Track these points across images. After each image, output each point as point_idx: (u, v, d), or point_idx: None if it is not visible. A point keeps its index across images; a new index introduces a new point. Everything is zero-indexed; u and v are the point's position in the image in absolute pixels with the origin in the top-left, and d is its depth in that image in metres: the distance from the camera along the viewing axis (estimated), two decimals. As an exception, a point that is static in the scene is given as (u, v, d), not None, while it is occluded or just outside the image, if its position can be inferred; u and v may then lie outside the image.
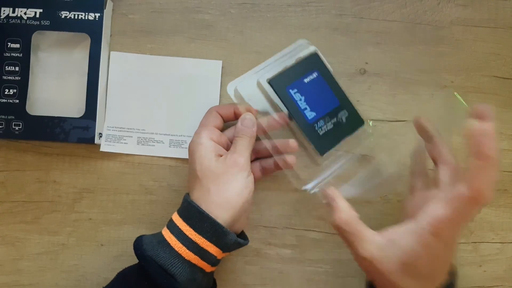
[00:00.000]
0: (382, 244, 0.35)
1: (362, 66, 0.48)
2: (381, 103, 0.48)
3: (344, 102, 0.44)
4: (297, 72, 0.43)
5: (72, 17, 0.46)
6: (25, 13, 0.46)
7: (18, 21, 0.46)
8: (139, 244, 0.39)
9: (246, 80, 0.43)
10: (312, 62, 0.44)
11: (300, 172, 0.44)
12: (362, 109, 0.47)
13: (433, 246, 0.33)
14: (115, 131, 0.48)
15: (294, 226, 0.48)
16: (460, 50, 0.48)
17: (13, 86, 0.46)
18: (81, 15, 0.46)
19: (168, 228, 0.39)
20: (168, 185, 0.48)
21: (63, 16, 0.46)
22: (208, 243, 0.38)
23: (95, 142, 0.46)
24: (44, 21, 0.46)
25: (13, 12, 0.46)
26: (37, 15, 0.46)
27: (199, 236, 0.37)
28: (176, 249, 0.37)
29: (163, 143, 0.48)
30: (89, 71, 0.46)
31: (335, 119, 0.44)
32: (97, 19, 0.46)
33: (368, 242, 0.35)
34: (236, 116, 0.44)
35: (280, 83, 0.42)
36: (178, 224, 0.39)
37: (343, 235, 0.37)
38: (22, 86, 0.46)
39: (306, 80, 0.43)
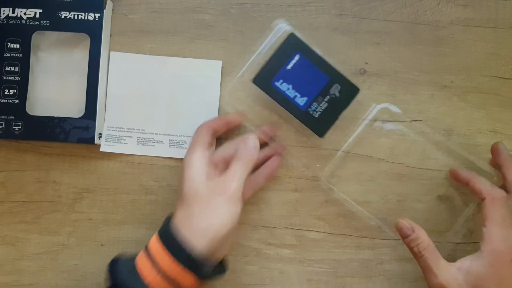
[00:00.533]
0: (455, 272, 0.38)
1: (362, 66, 0.48)
2: (380, 103, 0.48)
3: (334, 76, 0.43)
4: (279, 61, 0.42)
5: (72, 17, 0.46)
6: (25, 13, 0.46)
7: (18, 21, 0.46)
8: (113, 269, 0.38)
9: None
10: (291, 44, 0.42)
11: (308, 161, 0.43)
12: (362, 109, 0.47)
13: (499, 268, 0.38)
14: (115, 131, 0.48)
15: (294, 226, 0.48)
16: (460, 50, 0.48)
17: (13, 86, 0.46)
18: (81, 15, 0.46)
19: (145, 253, 0.38)
20: (168, 185, 0.48)
21: (63, 16, 0.46)
22: (184, 273, 0.36)
23: (95, 142, 0.46)
24: (44, 21, 0.46)
25: (13, 12, 0.46)
26: (37, 15, 0.46)
27: (176, 264, 0.36)
28: (147, 282, 0.36)
29: (163, 143, 0.48)
30: (89, 71, 0.46)
31: (328, 96, 0.42)
32: (97, 19, 0.46)
33: (444, 270, 0.38)
34: (228, 126, 0.44)
35: (264, 79, 0.42)
36: (154, 252, 0.37)
37: (423, 261, 0.39)
38: (22, 86, 0.46)
39: (289, 67, 0.42)
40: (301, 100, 0.42)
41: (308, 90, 0.42)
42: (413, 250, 0.39)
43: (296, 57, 0.42)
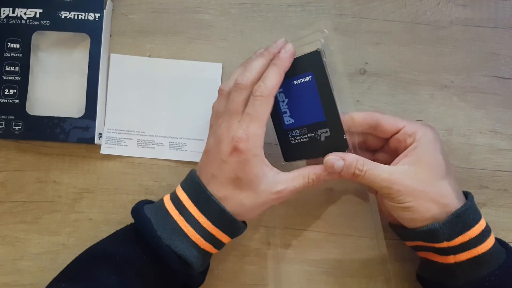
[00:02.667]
0: (401, 168, 0.39)
1: (362, 66, 0.48)
2: (381, 103, 0.48)
3: (331, 120, 0.39)
4: (291, 70, 0.39)
5: (72, 17, 0.46)
6: (25, 13, 0.46)
7: (18, 21, 0.46)
8: (150, 229, 0.39)
9: None
10: (311, 62, 0.39)
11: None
12: (362, 109, 0.47)
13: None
14: (115, 134, 0.48)
15: (294, 226, 0.48)
16: (460, 50, 0.48)
17: (13, 86, 0.46)
18: (81, 15, 0.46)
19: (180, 213, 0.39)
20: (168, 185, 0.48)
21: (63, 16, 0.46)
22: (222, 234, 0.39)
23: (95, 142, 0.46)
24: (44, 21, 0.46)
25: (13, 12, 0.46)
26: (37, 15, 0.46)
27: (216, 229, 0.39)
28: (194, 240, 0.38)
29: (163, 145, 0.48)
30: (89, 71, 0.46)
31: (312, 134, 0.40)
32: (97, 19, 0.46)
33: (391, 169, 0.39)
34: None
35: None
36: (193, 214, 0.39)
37: (370, 175, 0.38)
38: (22, 86, 0.46)
39: (295, 82, 0.40)
40: (287, 119, 0.41)
41: (299, 115, 0.40)
42: (355, 174, 0.38)
43: (308, 77, 0.39)
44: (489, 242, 0.38)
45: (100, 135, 0.47)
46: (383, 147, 0.43)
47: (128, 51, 0.48)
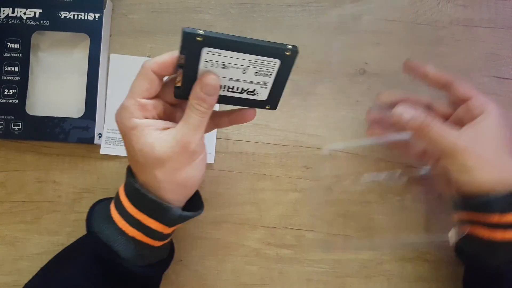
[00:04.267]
0: (463, 132, 0.39)
1: (362, 66, 0.48)
2: (381, 103, 0.48)
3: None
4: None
5: (72, 17, 0.46)
6: (24, 13, 0.46)
7: (18, 21, 0.46)
8: (89, 216, 0.39)
9: None
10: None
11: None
12: (362, 109, 0.47)
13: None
14: (114, 134, 0.48)
15: (293, 226, 0.48)
16: (460, 50, 0.48)
17: (12, 86, 0.46)
18: (81, 15, 0.46)
19: (114, 202, 0.38)
20: (168, 185, 0.48)
21: (62, 16, 0.46)
22: (149, 219, 0.36)
23: (95, 142, 0.46)
24: (44, 21, 0.46)
25: (13, 12, 0.46)
26: (37, 15, 0.46)
27: (140, 213, 0.36)
28: (120, 225, 0.37)
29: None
30: (89, 71, 0.46)
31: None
32: (96, 19, 0.46)
33: (453, 132, 0.39)
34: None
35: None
36: (122, 200, 0.37)
37: (434, 132, 0.39)
38: (22, 86, 0.46)
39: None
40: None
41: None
42: (421, 127, 0.39)
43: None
44: None
45: (100, 135, 0.47)
46: (451, 116, 0.43)
47: (128, 51, 0.48)
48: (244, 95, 0.37)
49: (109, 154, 0.48)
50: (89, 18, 0.46)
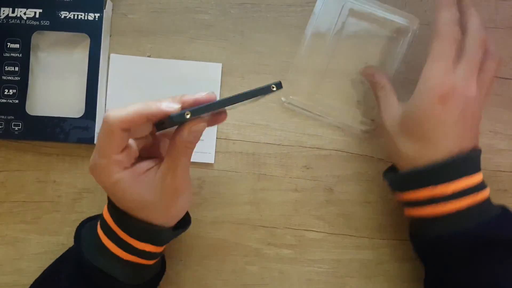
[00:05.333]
0: (396, 113, 0.40)
1: (361, 67, 0.48)
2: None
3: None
4: None
5: (72, 17, 0.46)
6: (24, 13, 0.46)
7: (18, 21, 0.46)
8: (78, 242, 0.39)
9: None
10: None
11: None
12: (362, 109, 0.47)
13: (438, 113, 0.37)
14: (115, 132, 0.48)
15: (293, 226, 0.48)
16: (460, 50, 0.48)
17: (12, 86, 0.46)
18: (81, 15, 0.46)
19: (102, 228, 0.38)
20: (168, 185, 0.48)
21: (62, 16, 0.46)
22: (142, 244, 0.37)
23: (95, 142, 0.46)
24: (44, 21, 0.46)
25: (13, 12, 0.46)
26: (37, 15, 0.46)
27: (132, 239, 0.37)
28: (114, 252, 0.37)
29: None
30: (89, 71, 0.46)
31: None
32: (96, 19, 0.46)
33: (390, 109, 0.41)
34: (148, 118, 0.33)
35: None
36: (111, 226, 0.37)
37: (378, 101, 0.43)
38: (22, 86, 0.46)
39: None
40: None
41: None
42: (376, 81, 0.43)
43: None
44: (487, 191, 0.38)
45: (100, 135, 0.47)
46: None
47: (128, 51, 0.48)
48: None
49: (109, 154, 0.48)
50: (89, 18, 0.46)
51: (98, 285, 0.38)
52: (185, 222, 0.41)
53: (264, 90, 0.33)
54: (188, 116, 0.31)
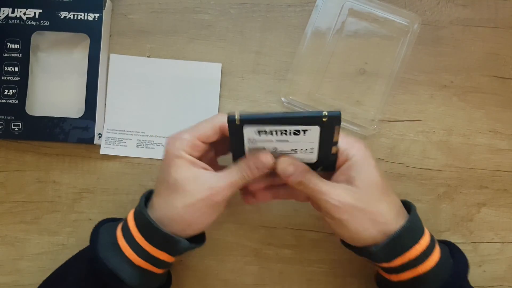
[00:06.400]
0: (344, 189, 0.38)
1: (362, 66, 0.48)
2: (380, 103, 0.48)
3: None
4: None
5: (72, 18, 0.46)
6: (24, 14, 0.46)
7: (18, 22, 0.46)
8: (94, 239, 0.39)
9: None
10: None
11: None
12: (362, 109, 0.47)
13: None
14: (114, 134, 0.48)
15: (293, 226, 0.48)
16: (460, 50, 0.48)
17: (12, 87, 0.46)
18: (81, 15, 0.46)
19: (122, 230, 0.39)
20: (168, 185, 0.48)
21: (62, 17, 0.46)
22: (158, 251, 0.38)
23: (95, 142, 0.46)
24: (44, 22, 0.46)
25: (13, 12, 0.46)
26: (37, 16, 0.46)
27: (149, 245, 0.37)
28: (127, 255, 0.37)
29: (163, 145, 0.48)
30: (89, 71, 0.46)
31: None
32: (96, 19, 0.46)
33: (333, 188, 0.38)
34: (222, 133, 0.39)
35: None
36: (131, 229, 0.38)
37: (311, 187, 0.38)
38: (22, 87, 0.46)
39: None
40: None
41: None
42: (301, 181, 0.37)
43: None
44: (432, 260, 0.37)
45: (100, 135, 0.47)
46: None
47: (127, 51, 0.48)
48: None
49: (109, 154, 0.48)
50: (89, 18, 0.46)
51: (105, 285, 0.38)
52: (200, 237, 0.41)
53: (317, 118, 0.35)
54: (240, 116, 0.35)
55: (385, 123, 0.48)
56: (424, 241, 0.38)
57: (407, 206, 0.40)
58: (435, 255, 0.38)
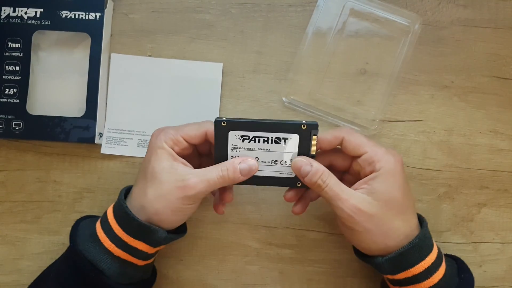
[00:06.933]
0: (361, 194, 0.38)
1: (362, 66, 0.48)
2: (381, 103, 0.48)
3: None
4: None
5: (73, 17, 0.46)
6: (25, 13, 0.46)
7: (19, 21, 0.46)
8: (73, 232, 0.40)
9: None
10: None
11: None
12: (363, 109, 0.47)
13: (398, 178, 0.39)
14: (115, 133, 0.48)
15: (294, 226, 0.48)
16: (461, 50, 0.48)
17: (13, 86, 0.46)
18: (82, 14, 0.46)
19: (101, 222, 0.40)
20: (169, 185, 0.48)
21: (63, 16, 0.46)
22: (136, 241, 0.38)
23: (96, 142, 0.46)
24: (45, 21, 0.46)
25: (14, 11, 0.46)
26: (38, 15, 0.46)
27: (127, 235, 0.38)
28: (106, 245, 0.38)
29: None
30: (90, 70, 0.46)
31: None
32: (97, 18, 0.46)
33: (351, 194, 0.38)
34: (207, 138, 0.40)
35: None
36: (109, 220, 0.39)
37: (329, 190, 0.38)
38: (23, 86, 0.46)
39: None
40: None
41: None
42: (317, 183, 0.38)
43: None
44: (436, 277, 0.38)
45: (101, 134, 0.47)
46: (350, 169, 0.42)
47: (128, 51, 0.48)
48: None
49: (110, 154, 0.48)
50: (90, 17, 0.46)
51: (85, 278, 0.38)
52: (180, 229, 0.42)
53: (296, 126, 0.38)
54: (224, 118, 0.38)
55: (386, 123, 0.48)
56: (431, 258, 0.38)
57: (420, 221, 0.40)
58: (440, 273, 0.38)
